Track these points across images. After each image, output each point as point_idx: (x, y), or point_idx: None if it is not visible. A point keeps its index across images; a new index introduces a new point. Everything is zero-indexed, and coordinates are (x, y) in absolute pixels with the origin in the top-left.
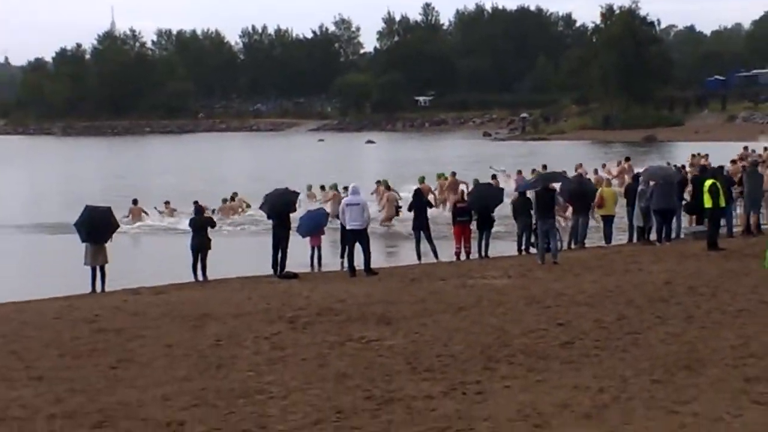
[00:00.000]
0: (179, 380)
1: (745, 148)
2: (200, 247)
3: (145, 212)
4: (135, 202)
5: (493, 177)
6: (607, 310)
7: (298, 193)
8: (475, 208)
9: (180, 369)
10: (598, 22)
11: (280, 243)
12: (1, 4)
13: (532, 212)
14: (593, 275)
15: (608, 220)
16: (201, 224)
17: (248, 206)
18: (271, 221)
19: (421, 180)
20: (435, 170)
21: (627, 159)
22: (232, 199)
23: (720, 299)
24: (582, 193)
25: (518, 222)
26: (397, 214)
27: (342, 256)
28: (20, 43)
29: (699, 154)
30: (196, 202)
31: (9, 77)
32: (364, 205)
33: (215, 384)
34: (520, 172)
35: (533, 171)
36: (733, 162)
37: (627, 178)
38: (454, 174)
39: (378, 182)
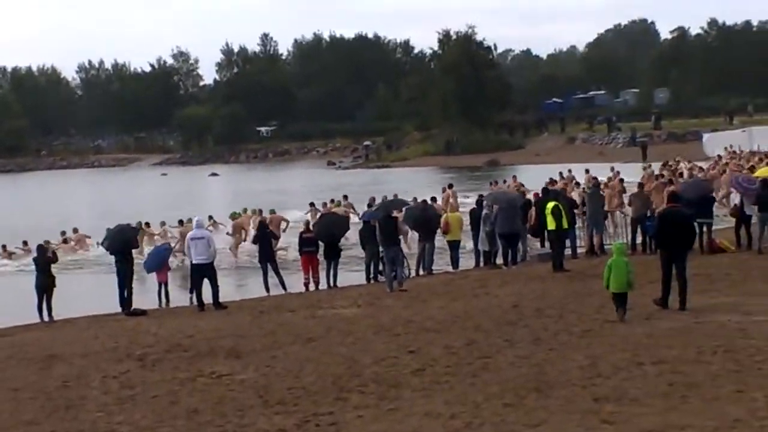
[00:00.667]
0: (26, 424)
1: (587, 171)
2: (45, 286)
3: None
4: None
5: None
6: (456, 335)
7: (138, 229)
8: (321, 237)
9: (27, 412)
10: (436, 48)
11: (124, 279)
12: None
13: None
14: (441, 301)
15: (454, 245)
16: (44, 263)
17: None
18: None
19: (234, 215)
20: (282, 201)
21: (450, 186)
22: (74, 231)
23: (566, 320)
24: (426, 219)
25: (366, 250)
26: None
27: (191, 292)
28: None
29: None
30: (39, 245)
31: None
32: (209, 238)
33: (64, 426)
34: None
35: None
36: (553, 182)
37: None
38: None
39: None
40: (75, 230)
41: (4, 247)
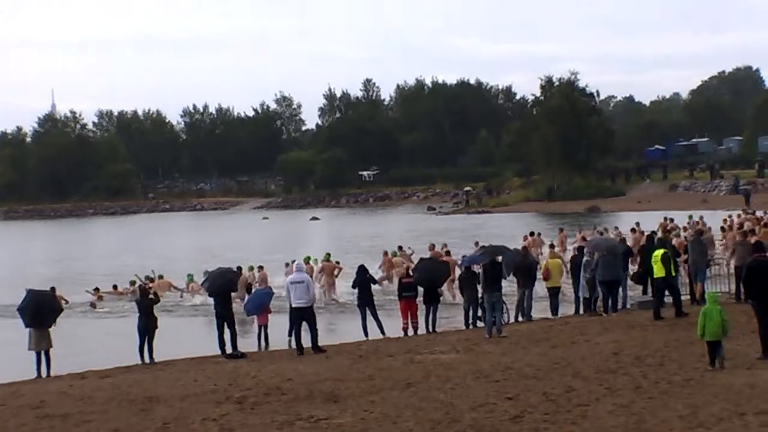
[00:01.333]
0: None
1: (665, 218)
2: (146, 328)
3: (174, 286)
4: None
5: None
6: (555, 382)
7: (239, 273)
8: (421, 282)
9: None
10: (538, 94)
11: (224, 321)
12: None
13: (478, 286)
14: (540, 348)
15: (554, 292)
16: (147, 305)
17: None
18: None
19: (326, 258)
20: (381, 245)
21: (561, 230)
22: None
23: (667, 369)
24: (527, 266)
25: (464, 296)
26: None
27: (290, 335)
28: None
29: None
30: (141, 285)
31: None
32: (308, 282)
33: None
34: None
35: (476, 244)
36: (633, 231)
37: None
38: (401, 248)
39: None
40: (160, 277)
41: (97, 289)
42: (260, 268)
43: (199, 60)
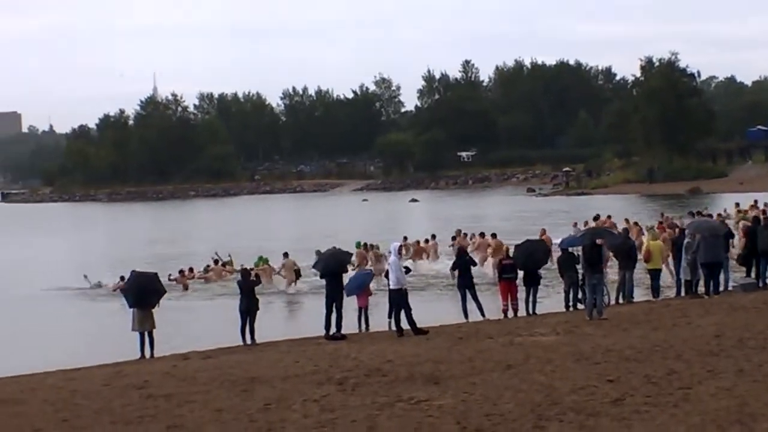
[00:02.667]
0: None
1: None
2: (249, 309)
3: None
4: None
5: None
6: (657, 365)
7: (350, 254)
8: (521, 264)
9: None
10: (638, 75)
11: (333, 302)
12: (45, 72)
13: (578, 267)
14: (641, 330)
15: (655, 274)
16: (248, 287)
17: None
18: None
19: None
20: (479, 227)
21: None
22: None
23: None
24: (628, 248)
25: (564, 278)
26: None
27: (390, 316)
28: (64, 111)
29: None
30: (243, 268)
31: (54, 144)
32: (393, 265)
33: None
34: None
35: (574, 225)
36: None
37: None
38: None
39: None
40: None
41: (181, 272)
42: (368, 246)
43: (299, 43)
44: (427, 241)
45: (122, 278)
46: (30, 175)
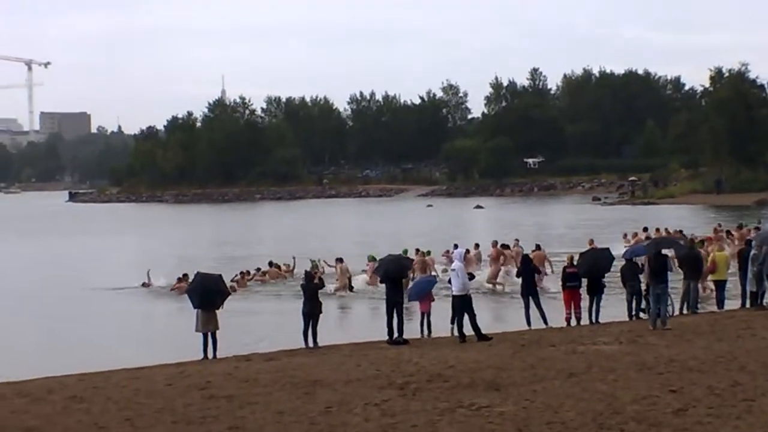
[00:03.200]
0: None
1: None
2: (311, 313)
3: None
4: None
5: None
6: (720, 376)
7: (411, 260)
8: (585, 273)
9: None
10: (707, 85)
11: (394, 308)
12: (113, 73)
13: (641, 277)
14: (705, 341)
15: (720, 285)
16: (312, 290)
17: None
18: (384, 285)
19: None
20: (544, 235)
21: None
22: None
23: None
24: (694, 258)
25: (627, 287)
26: (351, 289)
27: (452, 322)
28: (133, 112)
29: None
30: (306, 271)
31: (122, 145)
32: (458, 270)
33: None
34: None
35: (624, 236)
36: None
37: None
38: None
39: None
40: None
41: (278, 266)
42: (422, 253)
43: (368, 48)
44: (468, 251)
45: (181, 278)
46: (98, 175)
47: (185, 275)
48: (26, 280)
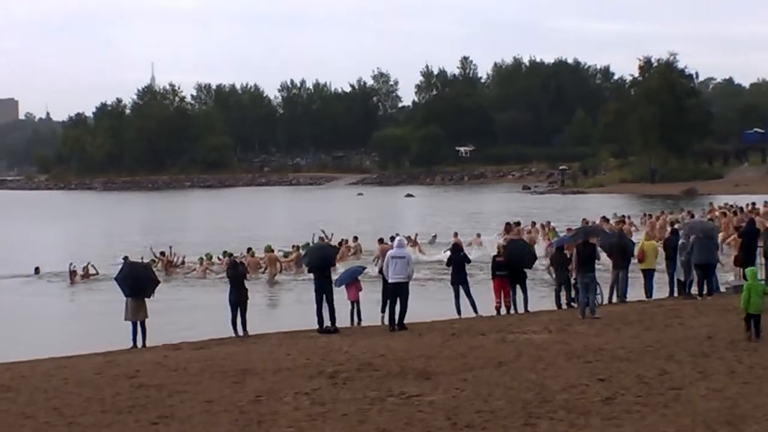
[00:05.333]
0: None
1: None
2: (238, 301)
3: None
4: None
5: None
6: (648, 365)
7: (337, 248)
8: (511, 262)
9: (220, 425)
10: (637, 75)
11: (323, 296)
12: (41, 59)
13: (569, 267)
14: (634, 330)
15: (649, 274)
16: (238, 277)
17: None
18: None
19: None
20: (477, 224)
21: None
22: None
23: (762, 354)
24: (622, 247)
25: (556, 276)
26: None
27: (383, 310)
28: (61, 99)
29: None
30: (230, 256)
31: (50, 132)
32: (409, 258)
33: None
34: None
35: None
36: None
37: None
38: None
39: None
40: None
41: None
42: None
43: (298, 35)
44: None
45: (79, 270)
46: (26, 162)
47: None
48: None
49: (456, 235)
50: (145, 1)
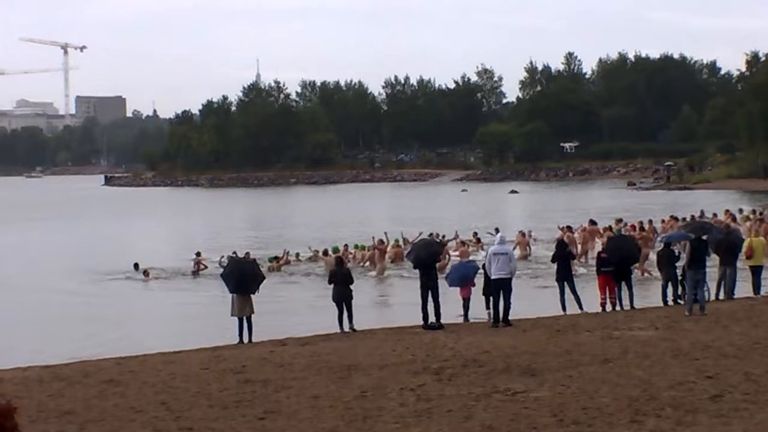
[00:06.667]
0: None
1: None
2: (341, 298)
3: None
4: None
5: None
6: (757, 362)
7: (443, 244)
8: (614, 259)
9: (326, 420)
10: (743, 69)
11: (428, 292)
12: (149, 57)
13: (676, 264)
14: (742, 327)
15: (757, 271)
16: (343, 275)
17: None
18: (417, 271)
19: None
20: (579, 220)
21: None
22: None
23: None
24: (730, 244)
25: (663, 273)
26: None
27: (488, 307)
28: (168, 96)
29: None
30: (338, 256)
31: (157, 129)
32: (511, 254)
33: None
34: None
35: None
36: None
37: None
38: (593, 222)
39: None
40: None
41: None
42: (461, 242)
43: (403, 32)
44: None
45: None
46: (133, 159)
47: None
48: (62, 265)
49: (562, 230)
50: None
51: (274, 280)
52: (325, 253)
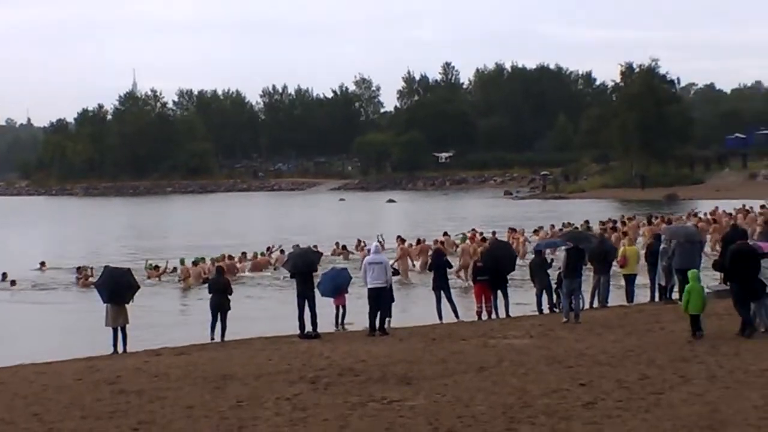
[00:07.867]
0: None
1: (762, 206)
2: (219, 307)
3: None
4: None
5: None
6: (629, 369)
7: (320, 253)
8: (489, 267)
9: (201, 431)
10: (618, 80)
11: (305, 302)
12: (23, 65)
13: (549, 272)
14: (615, 335)
15: (630, 279)
16: (220, 285)
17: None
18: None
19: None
20: (456, 229)
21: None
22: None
23: (743, 358)
24: (604, 252)
25: (536, 281)
26: None
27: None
28: (42, 104)
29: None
30: (218, 266)
31: (31, 138)
32: (386, 263)
33: None
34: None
35: (552, 227)
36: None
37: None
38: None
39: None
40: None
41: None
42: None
43: (280, 41)
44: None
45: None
46: (7, 167)
47: (81, 267)
48: None
49: (439, 240)
50: (127, 9)
51: (153, 290)
52: (183, 262)
